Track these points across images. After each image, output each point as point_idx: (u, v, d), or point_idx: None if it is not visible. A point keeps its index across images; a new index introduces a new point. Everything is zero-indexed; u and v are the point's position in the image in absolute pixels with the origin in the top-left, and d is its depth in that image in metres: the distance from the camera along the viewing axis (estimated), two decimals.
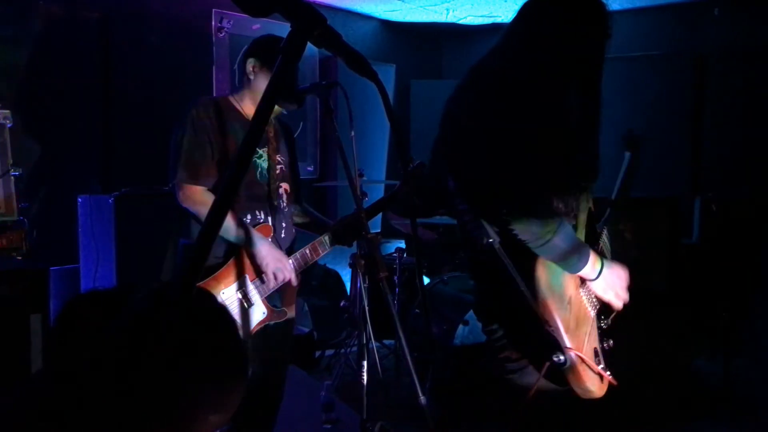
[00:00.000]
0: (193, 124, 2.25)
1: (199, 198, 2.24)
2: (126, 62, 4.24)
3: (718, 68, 4.60)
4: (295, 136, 2.71)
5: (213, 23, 4.74)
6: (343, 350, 4.25)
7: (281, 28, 0.85)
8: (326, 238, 2.41)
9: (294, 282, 2.30)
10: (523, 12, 2.10)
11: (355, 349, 4.02)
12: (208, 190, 2.26)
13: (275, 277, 2.24)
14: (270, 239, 2.31)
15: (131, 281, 0.92)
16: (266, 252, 2.23)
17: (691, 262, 4.33)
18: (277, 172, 2.43)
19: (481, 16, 5.99)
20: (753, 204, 4.50)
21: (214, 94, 4.47)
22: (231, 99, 2.40)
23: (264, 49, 2.41)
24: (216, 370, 0.84)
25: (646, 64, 5.09)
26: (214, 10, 4.73)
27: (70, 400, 0.77)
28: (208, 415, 0.83)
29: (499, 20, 6.16)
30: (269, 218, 2.37)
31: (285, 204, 2.46)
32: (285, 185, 2.47)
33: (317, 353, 4.54)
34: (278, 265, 2.24)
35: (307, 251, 2.39)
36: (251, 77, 2.36)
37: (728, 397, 3.80)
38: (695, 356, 4.24)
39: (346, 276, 4.89)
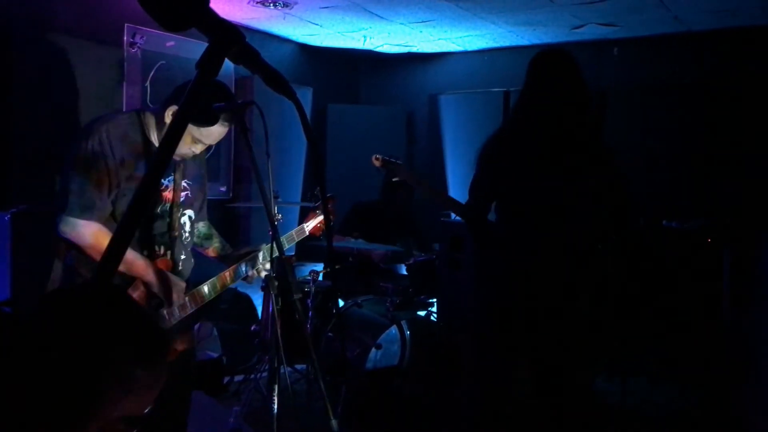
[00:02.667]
0: (93, 147, 2.05)
1: (90, 235, 2.06)
2: (30, 76, 4.04)
3: (618, 102, 4.90)
4: (208, 155, 2.63)
5: (125, 38, 4.61)
6: (253, 375, 4.15)
7: (197, 46, 0.85)
8: (227, 273, 2.35)
9: (178, 312, 2.20)
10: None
11: (265, 374, 3.94)
12: (98, 221, 2.08)
13: (174, 311, 2.17)
14: (169, 273, 2.21)
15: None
16: (161, 283, 2.13)
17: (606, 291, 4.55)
18: (182, 199, 2.31)
19: (397, 45, 6.12)
20: (642, 229, 4.78)
21: (124, 110, 4.33)
22: (143, 118, 2.21)
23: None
24: (126, 352, 0.88)
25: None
26: (126, 24, 4.60)
27: None
28: (121, 398, 0.87)
29: (414, 50, 6.32)
30: (168, 252, 2.25)
31: (187, 233, 2.35)
32: (189, 211, 2.36)
33: (226, 379, 4.42)
34: (177, 297, 2.16)
35: (206, 288, 2.30)
36: (167, 122, 2.18)
37: (625, 415, 3.98)
38: (595, 376, 4.42)
39: (257, 299, 4.81)
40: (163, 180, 2.21)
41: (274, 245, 2.15)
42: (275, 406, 2.34)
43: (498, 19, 5.13)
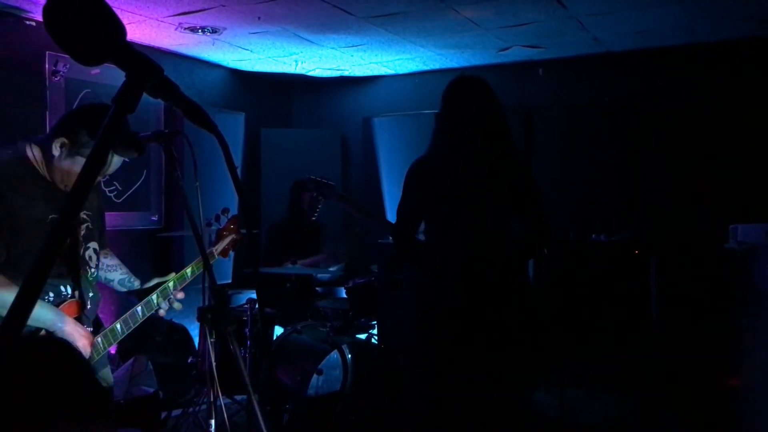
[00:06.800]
0: None
1: None
2: None
3: (544, 120, 5.06)
4: (138, 184, 2.57)
5: (47, 66, 4.47)
6: (191, 409, 4.03)
7: (122, 74, 0.83)
8: (139, 308, 2.29)
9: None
10: None
11: (204, 407, 3.84)
12: None
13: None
14: (77, 316, 2.12)
15: None
16: (72, 331, 2.04)
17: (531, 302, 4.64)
18: (83, 233, 2.20)
19: (329, 69, 6.15)
20: (576, 245, 4.93)
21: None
22: (30, 151, 2.07)
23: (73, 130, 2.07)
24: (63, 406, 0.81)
25: None
26: (48, 52, 4.46)
27: None
28: None
29: (346, 74, 6.37)
30: (76, 292, 2.16)
31: (93, 268, 2.26)
32: (93, 244, 2.26)
33: (163, 414, 4.27)
34: (84, 342, 2.07)
35: (118, 326, 2.22)
36: (55, 154, 2.05)
37: (563, 427, 4.06)
38: (534, 389, 4.49)
39: (194, 330, 4.69)
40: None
41: (207, 275, 2.10)
42: None
43: (427, 43, 5.23)
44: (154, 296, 2.33)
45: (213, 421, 2.27)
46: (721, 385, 3.77)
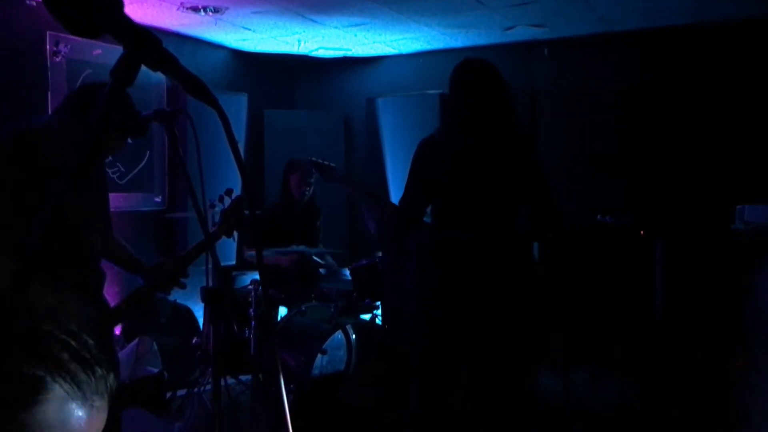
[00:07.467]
0: None
1: None
2: None
3: (549, 101, 5.01)
4: (141, 165, 2.56)
5: (48, 47, 4.43)
6: (196, 389, 4.06)
7: None
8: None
9: None
10: None
11: (209, 387, 3.86)
12: None
13: None
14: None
15: None
16: None
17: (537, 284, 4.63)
18: (87, 215, 2.16)
19: (333, 49, 6.10)
20: (581, 227, 4.91)
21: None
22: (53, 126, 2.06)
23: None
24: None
25: None
26: (49, 32, 4.42)
27: None
28: None
29: (349, 54, 6.31)
30: (82, 274, 2.14)
31: (97, 249, 2.22)
32: (98, 225, 2.24)
33: (168, 394, 4.29)
34: None
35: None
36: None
37: (567, 411, 4.06)
38: (537, 374, 4.49)
39: (198, 311, 4.70)
40: None
41: (210, 256, 2.10)
42: (218, 420, 2.29)
43: (431, 22, 5.18)
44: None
45: (219, 401, 2.27)
46: (726, 368, 3.76)
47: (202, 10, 4.71)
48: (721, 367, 3.85)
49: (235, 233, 2.81)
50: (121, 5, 0.83)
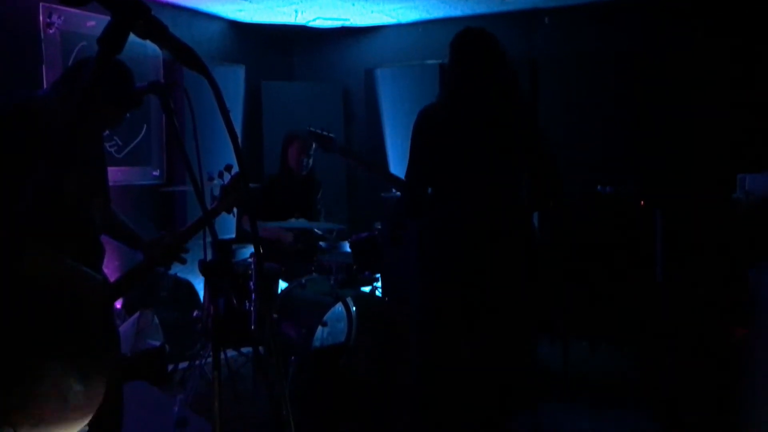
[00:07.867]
0: None
1: None
2: None
3: (550, 70, 4.95)
4: (139, 139, 2.53)
5: (41, 18, 4.37)
6: (197, 362, 4.08)
7: None
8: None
9: None
10: None
11: (210, 359, 3.87)
12: None
13: None
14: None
15: None
16: None
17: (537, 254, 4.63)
18: (86, 185, 2.11)
19: (330, 19, 6.02)
20: (581, 197, 4.89)
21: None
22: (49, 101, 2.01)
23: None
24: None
25: None
26: (41, 4, 4.36)
27: None
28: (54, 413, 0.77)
29: (347, 24, 6.23)
30: (84, 246, 2.09)
31: (97, 223, 2.19)
32: (98, 199, 2.20)
33: (170, 367, 4.32)
34: None
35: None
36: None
37: (567, 378, 4.09)
38: (538, 342, 4.52)
39: (198, 284, 4.70)
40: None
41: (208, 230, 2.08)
42: (218, 393, 2.29)
43: None
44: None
45: (219, 373, 2.27)
46: (726, 336, 3.78)
47: None
48: (722, 335, 3.87)
49: (235, 209, 2.80)
50: None
